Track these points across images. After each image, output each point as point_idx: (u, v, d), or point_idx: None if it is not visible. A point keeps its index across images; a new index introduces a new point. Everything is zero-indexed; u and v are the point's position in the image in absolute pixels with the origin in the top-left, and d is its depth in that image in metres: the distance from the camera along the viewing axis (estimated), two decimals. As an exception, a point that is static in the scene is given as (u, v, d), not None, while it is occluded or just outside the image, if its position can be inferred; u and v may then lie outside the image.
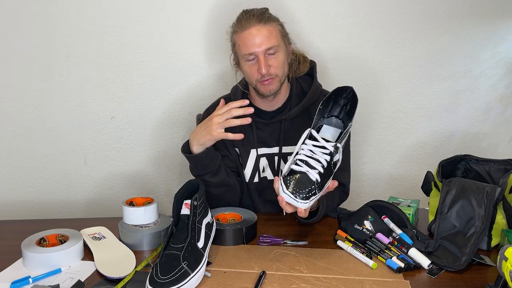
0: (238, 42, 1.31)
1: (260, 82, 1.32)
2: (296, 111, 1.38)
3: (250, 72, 1.32)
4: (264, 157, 1.41)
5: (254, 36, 1.27)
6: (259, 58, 1.28)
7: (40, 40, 1.73)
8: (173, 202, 1.06)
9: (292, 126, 1.40)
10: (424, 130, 1.86)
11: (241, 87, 1.44)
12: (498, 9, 1.75)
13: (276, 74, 1.31)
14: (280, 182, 1.06)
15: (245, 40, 1.29)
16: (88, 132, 1.82)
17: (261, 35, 1.27)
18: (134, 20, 1.72)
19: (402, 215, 1.23)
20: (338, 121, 1.19)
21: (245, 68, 1.33)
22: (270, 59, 1.29)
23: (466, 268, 1.06)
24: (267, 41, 1.28)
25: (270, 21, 1.30)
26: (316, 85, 1.42)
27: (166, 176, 1.88)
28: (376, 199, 1.30)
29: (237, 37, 1.32)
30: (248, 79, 1.36)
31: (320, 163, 1.06)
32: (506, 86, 1.83)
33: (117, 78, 1.77)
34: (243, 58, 1.31)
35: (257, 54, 1.28)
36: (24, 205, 1.88)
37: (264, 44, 1.27)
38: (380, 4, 1.73)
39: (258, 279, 1.00)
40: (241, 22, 1.30)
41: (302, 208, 1.04)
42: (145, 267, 1.07)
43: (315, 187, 1.04)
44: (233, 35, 1.34)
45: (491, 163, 1.25)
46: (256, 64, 1.30)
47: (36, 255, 1.05)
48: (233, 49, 1.37)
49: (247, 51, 1.29)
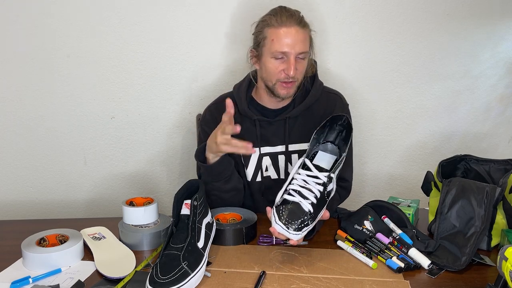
0: (272, 37, 1.28)
1: (281, 83, 1.30)
2: (300, 109, 1.38)
3: (274, 70, 1.30)
4: (267, 156, 1.41)
5: (291, 36, 1.26)
6: (290, 60, 1.27)
7: (40, 40, 1.73)
8: (173, 202, 1.06)
9: (296, 125, 1.39)
10: (424, 130, 1.86)
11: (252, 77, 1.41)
12: (498, 9, 1.75)
13: (297, 78, 1.31)
14: (273, 212, 1.06)
15: (282, 37, 1.26)
16: (88, 132, 1.82)
17: (298, 38, 1.26)
18: (134, 20, 1.72)
19: (402, 215, 1.23)
20: (334, 147, 1.18)
21: (269, 65, 1.30)
22: (298, 63, 1.29)
23: (466, 268, 1.06)
24: (302, 45, 1.27)
25: (306, 26, 1.30)
26: (318, 83, 1.42)
27: (166, 176, 1.88)
28: (376, 199, 1.30)
29: (271, 31, 1.28)
30: (268, 76, 1.32)
31: (313, 194, 1.06)
32: (506, 86, 1.83)
33: (117, 78, 1.77)
34: (271, 54, 1.28)
35: (289, 55, 1.27)
36: (24, 205, 1.88)
37: (299, 48, 1.26)
38: (380, 4, 1.73)
39: (258, 279, 1.00)
40: (281, 18, 1.27)
41: (294, 239, 1.04)
42: (145, 267, 1.07)
43: (308, 218, 1.04)
44: (265, 28, 1.30)
45: (491, 163, 1.25)
46: (284, 63, 1.28)
47: (36, 255, 1.05)
48: (260, 42, 1.32)
49: (280, 49, 1.26)
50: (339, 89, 1.50)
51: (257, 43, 1.33)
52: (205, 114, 1.47)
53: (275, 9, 1.32)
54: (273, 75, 1.31)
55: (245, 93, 1.41)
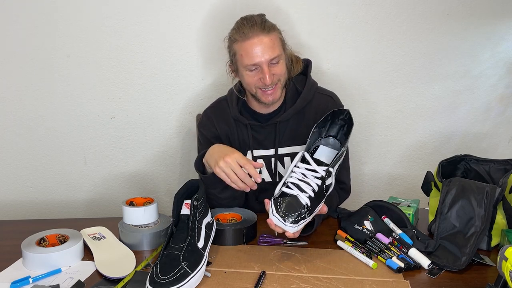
0: (240, 52, 1.28)
1: (262, 91, 1.31)
2: (290, 112, 1.38)
3: (251, 81, 1.31)
4: (261, 159, 1.41)
5: (257, 47, 1.25)
6: (263, 69, 1.27)
7: (40, 40, 1.73)
8: (173, 202, 1.06)
9: (288, 128, 1.39)
10: (424, 130, 1.86)
11: (235, 90, 1.42)
12: (498, 9, 1.75)
13: (278, 79, 1.31)
14: (271, 204, 1.06)
15: (248, 51, 1.26)
16: (88, 132, 1.82)
17: (264, 46, 1.25)
18: (134, 20, 1.72)
19: (402, 215, 1.22)
20: (336, 142, 1.18)
21: (246, 78, 1.31)
22: (273, 68, 1.29)
23: (466, 268, 1.06)
24: (271, 51, 1.26)
25: (272, 30, 1.29)
26: (310, 84, 1.40)
27: (166, 176, 1.88)
28: (376, 199, 1.30)
29: (238, 46, 1.29)
30: (248, 87, 1.34)
31: (311, 187, 1.06)
32: (506, 86, 1.83)
33: (117, 78, 1.77)
34: (245, 68, 1.29)
35: (261, 64, 1.27)
36: (24, 205, 1.88)
37: (268, 55, 1.26)
38: (380, 4, 1.73)
39: (258, 279, 1.00)
40: (243, 31, 1.27)
41: (290, 232, 1.04)
42: (145, 267, 1.07)
43: (305, 211, 1.04)
44: (232, 44, 1.31)
45: (491, 163, 1.25)
46: (259, 73, 1.29)
47: (36, 255, 1.05)
48: (232, 57, 1.33)
49: (250, 62, 1.27)
50: (339, 89, 1.50)
51: (230, 58, 1.35)
52: (202, 118, 1.48)
53: (237, 22, 1.32)
54: (251, 85, 1.32)
55: (237, 99, 1.42)
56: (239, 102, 1.43)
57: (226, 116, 1.42)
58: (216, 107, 1.47)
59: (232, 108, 1.40)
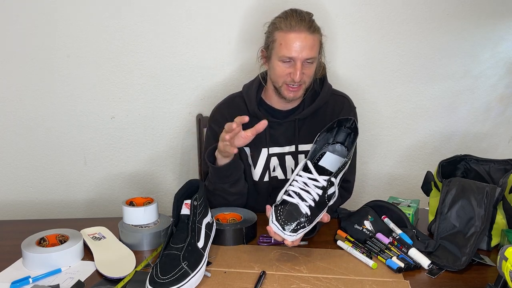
0: (280, 41, 1.28)
1: (287, 85, 1.31)
2: (309, 111, 1.38)
3: (281, 73, 1.30)
4: (275, 157, 1.41)
5: (299, 42, 1.26)
6: (297, 65, 1.27)
7: (40, 40, 1.73)
8: (173, 202, 1.06)
9: (304, 126, 1.40)
10: (424, 130, 1.86)
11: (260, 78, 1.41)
12: (498, 9, 1.75)
13: (305, 81, 1.31)
14: (271, 211, 1.06)
15: (290, 42, 1.26)
16: (88, 132, 1.82)
17: (306, 43, 1.26)
18: (134, 20, 1.72)
19: (402, 215, 1.22)
20: (343, 149, 1.17)
21: (277, 67, 1.31)
22: (305, 68, 1.29)
23: (466, 268, 1.06)
24: (310, 51, 1.27)
25: (316, 31, 1.29)
26: (327, 86, 1.42)
27: (166, 176, 1.88)
28: (376, 199, 1.30)
29: (280, 35, 1.28)
30: (275, 78, 1.33)
31: (312, 196, 1.06)
32: (506, 86, 1.83)
33: (117, 78, 1.78)
34: (279, 58, 1.29)
35: (296, 60, 1.27)
36: (24, 205, 1.88)
37: (306, 53, 1.26)
38: (380, 4, 1.73)
39: (258, 279, 1.00)
40: (290, 22, 1.27)
41: (289, 240, 1.04)
42: (145, 267, 1.07)
43: (305, 220, 1.04)
44: (275, 31, 1.30)
45: (491, 163, 1.25)
46: (291, 67, 1.29)
47: (36, 255, 1.05)
48: (269, 44, 1.32)
49: (287, 54, 1.27)
50: (339, 89, 1.50)
51: (267, 44, 1.34)
52: (215, 114, 1.46)
53: (286, 12, 1.32)
54: (280, 78, 1.31)
55: (255, 94, 1.41)
56: (257, 98, 1.42)
57: (240, 112, 1.41)
58: (230, 103, 1.45)
59: (250, 103, 1.39)
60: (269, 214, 1.07)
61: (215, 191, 1.33)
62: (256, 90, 1.42)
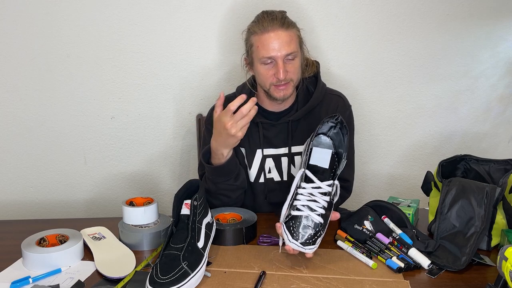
0: (256, 44, 1.29)
1: (275, 86, 1.31)
2: (302, 112, 1.38)
3: (265, 76, 1.31)
4: (270, 158, 1.41)
5: (275, 41, 1.26)
6: (278, 63, 1.27)
7: (40, 40, 1.73)
8: (173, 202, 1.06)
9: (299, 127, 1.39)
10: (424, 130, 1.86)
11: (249, 85, 1.42)
12: (498, 9, 1.75)
13: (291, 79, 1.31)
14: (283, 229, 1.06)
15: (265, 43, 1.26)
16: (88, 132, 1.82)
17: (282, 40, 1.26)
18: (134, 20, 1.72)
19: (402, 215, 1.22)
20: (327, 139, 1.16)
21: (261, 71, 1.31)
22: (288, 65, 1.29)
23: (466, 268, 1.06)
24: (287, 46, 1.26)
25: (291, 27, 1.29)
26: (321, 85, 1.41)
27: (166, 176, 1.88)
28: (376, 199, 1.30)
29: (256, 38, 1.29)
30: (261, 82, 1.34)
31: (321, 204, 1.07)
32: (506, 86, 1.83)
33: (117, 78, 1.77)
34: (259, 61, 1.29)
35: (276, 58, 1.27)
36: (24, 205, 1.88)
37: (285, 50, 1.26)
38: (380, 4, 1.73)
39: (258, 279, 1.00)
40: (263, 24, 1.27)
41: (310, 253, 1.05)
42: (145, 267, 1.07)
43: (320, 228, 1.05)
44: (251, 36, 1.31)
45: (491, 163, 1.25)
46: (273, 68, 1.29)
47: (36, 255, 1.05)
48: (248, 50, 1.34)
49: (266, 55, 1.27)
50: (339, 89, 1.50)
51: (247, 50, 1.35)
52: (210, 116, 1.47)
53: (258, 16, 1.33)
54: (265, 80, 1.32)
55: (249, 95, 1.41)
56: None
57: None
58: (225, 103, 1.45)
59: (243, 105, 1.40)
60: (281, 232, 1.06)
61: (218, 191, 1.33)
62: (249, 92, 1.42)
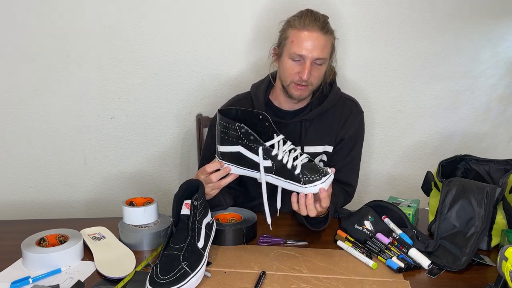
0: (292, 38, 1.29)
1: (294, 84, 1.31)
2: (316, 112, 1.38)
3: (289, 71, 1.30)
4: None
5: (311, 41, 1.26)
6: (306, 63, 1.27)
7: (40, 40, 1.73)
8: (173, 202, 1.06)
9: (311, 127, 1.39)
10: (424, 130, 1.86)
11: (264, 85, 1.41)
12: (498, 9, 1.75)
13: (312, 83, 1.31)
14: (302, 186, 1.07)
15: (301, 40, 1.26)
16: (88, 132, 1.82)
17: (317, 43, 1.26)
18: (134, 20, 1.72)
19: (402, 215, 1.23)
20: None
21: (286, 65, 1.31)
22: (314, 68, 1.29)
23: (466, 268, 1.06)
24: (320, 51, 1.27)
25: (329, 33, 1.30)
26: (336, 89, 1.42)
27: (166, 176, 1.88)
28: (376, 199, 1.30)
29: (293, 32, 1.29)
30: (283, 76, 1.33)
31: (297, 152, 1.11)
32: (506, 86, 1.83)
33: (117, 78, 1.77)
34: (289, 55, 1.29)
35: (305, 58, 1.27)
36: (24, 205, 1.88)
37: (317, 53, 1.26)
38: (380, 4, 1.73)
39: (258, 279, 1.00)
40: (305, 21, 1.28)
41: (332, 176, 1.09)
42: (145, 267, 1.07)
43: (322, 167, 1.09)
44: (289, 29, 1.31)
45: (491, 163, 1.25)
46: (300, 66, 1.29)
47: (36, 255, 1.05)
48: (282, 41, 1.33)
49: (298, 51, 1.27)
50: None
51: (280, 41, 1.34)
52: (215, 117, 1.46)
53: (301, 11, 1.33)
54: (288, 76, 1.31)
55: (264, 94, 1.41)
56: (265, 98, 1.42)
57: None
58: (237, 104, 1.44)
59: (259, 103, 1.39)
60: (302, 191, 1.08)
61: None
62: (265, 90, 1.42)
